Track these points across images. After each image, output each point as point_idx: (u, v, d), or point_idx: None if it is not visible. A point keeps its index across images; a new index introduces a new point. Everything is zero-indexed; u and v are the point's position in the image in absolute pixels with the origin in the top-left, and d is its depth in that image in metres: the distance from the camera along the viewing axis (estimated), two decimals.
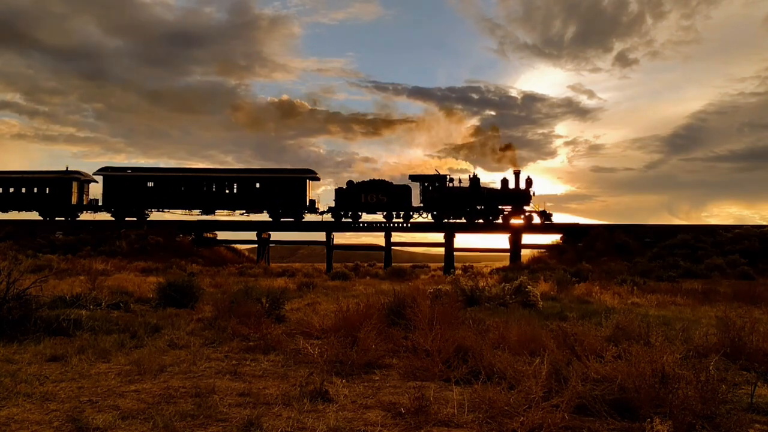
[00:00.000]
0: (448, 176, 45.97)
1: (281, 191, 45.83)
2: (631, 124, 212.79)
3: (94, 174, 47.15)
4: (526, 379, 4.48)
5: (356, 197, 45.46)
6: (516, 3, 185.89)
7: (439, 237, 46.97)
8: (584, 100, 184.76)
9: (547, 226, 46.02)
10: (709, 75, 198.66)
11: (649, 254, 37.55)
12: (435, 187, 45.43)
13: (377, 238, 49.40)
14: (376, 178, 46.79)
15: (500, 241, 46.90)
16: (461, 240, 46.80)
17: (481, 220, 45.44)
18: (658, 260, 35.33)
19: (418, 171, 47.11)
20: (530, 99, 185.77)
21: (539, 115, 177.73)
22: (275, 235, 49.43)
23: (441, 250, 47.23)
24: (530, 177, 45.70)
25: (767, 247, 36.80)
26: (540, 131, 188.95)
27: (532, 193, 45.31)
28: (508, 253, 45.81)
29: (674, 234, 41.08)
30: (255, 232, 47.76)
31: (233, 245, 49.78)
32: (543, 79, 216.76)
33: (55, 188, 46.26)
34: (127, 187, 45.89)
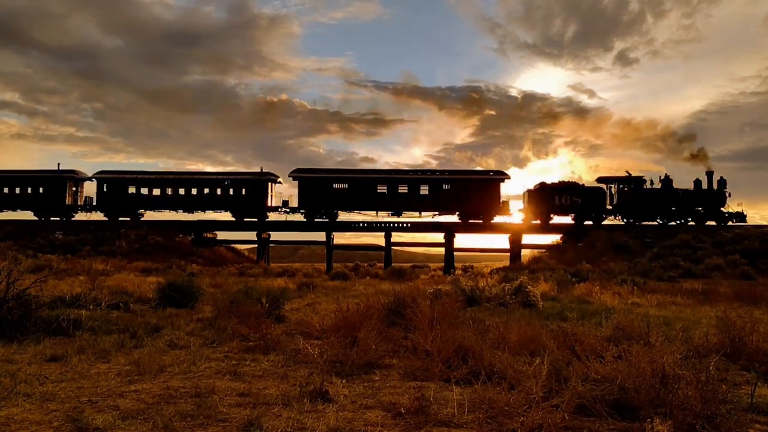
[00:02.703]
0: (644, 178, 44.58)
1: (472, 193, 45.19)
2: None
3: (289, 175, 46.87)
4: (526, 379, 4.48)
5: (550, 199, 44.56)
6: (516, 2, 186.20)
7: (439, 237, 46.99)
8: (585, 100, 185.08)
9: (548, 227, 45.97)
10: (709, 74, 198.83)
11: (649, 254, 37.54)
12: (631, 188, 44.15)
13: (377, 238, 49.44)
14: (566, 180, 46.05)
15: (500, 241, 46.93)
16: (461, 240, 46.83)
17: (673, 223, 44.07)
18: (658, 260, 35.32)
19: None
20: (530, 98, 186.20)
21: (539, 115, 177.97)
22: (279, 236, 49.48)
23: (441, 250, 47.25)
24: (723, 177, 44.15)
25: (767, 247, 36.79)
26: (540, 131, 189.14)
27: (727, 194, 43.83)
28: (508, 253, 45.82)
29: (674, 234, 41.08)
30: (255, 232, 47.79)
31: (233, 245, 49.81)
32: (543, 79, 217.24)
33: (251, 189, 46.32)
34: (319, 188, 45.65)
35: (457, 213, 45.89)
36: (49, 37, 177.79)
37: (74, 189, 47.87)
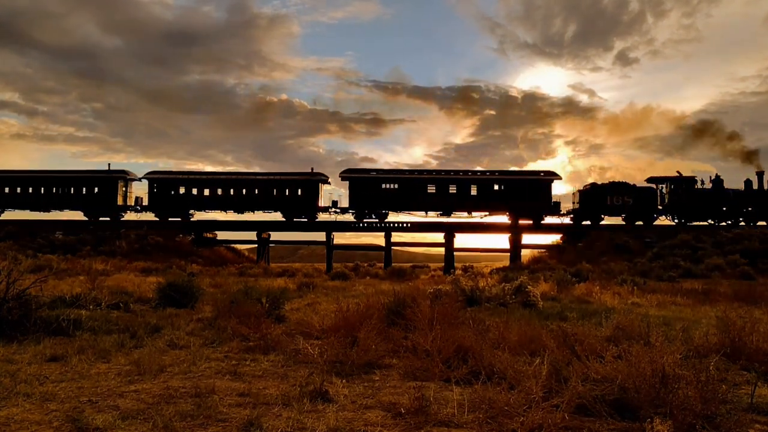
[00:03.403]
0: (697, 178, 44.52)
1: (523, 194, 45.02)
2: None
3: (340, 175, 47.02)
4: (526, 379, 4.48)
5: (601, 199, 44.42)
6: (516, 2, 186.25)
7: (439, 237, 47.05)
8: (585, 99, 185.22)
9: (548, 227, 45.95)
10: (709, 74, 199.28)
11: (650, 254, 37.56)
12: (683, 189, 43.99)
13: (377, 238, 49.46)
14: (617, 180, 45.89)
15: (500, 241, 46.97)
16: (461, 240, 46.85)
17: (725, 223, 43.85)
18: (658, 260, 35.34)
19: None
20: (530, 98, 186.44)
21: (539, 115, 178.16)
22: (279, 235, 49.53)
23: (441, 250, 47.25)
24: None
25: (767, 247, 36.79)
26: (540, 130, 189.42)
27: None
28: (508, 253, 45.82)
29: (674, 234, 41.08)
30: (255, 232, 47.81)
31: (233, 245, 49.82)
32: (543, 78, 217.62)
33: (303, 190, 46.49)
34: (369, 189, 45.76)
35: (508, 214, 45.72)
36: (49, 37, 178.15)
37: (124, 189, 48.03)
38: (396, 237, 46.93)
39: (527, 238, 46.14)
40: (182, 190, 46.99)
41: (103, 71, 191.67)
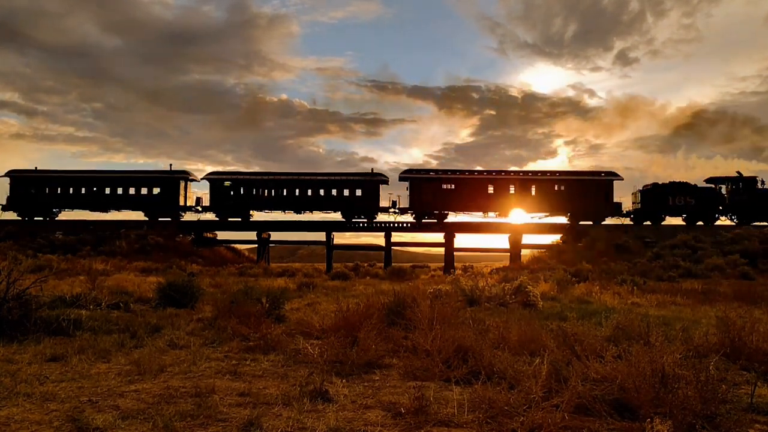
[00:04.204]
0: (758, 178, 44.24)
1: (585, 194, 44.76)
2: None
3: (400, 175, 47.03)
4: (526, 379, 4.48)
5: (663, 199, 44.20)
6: (516, 1, 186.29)
7: (439, 237, 47.01)
8: (585, 99, 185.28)
9: (547, 227, 45.89)
10: (710, 74, 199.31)
11: (649, 254, 37.54)
12: (744, 189, 43.76)
13: (377, 238, 49.44)
14: (677, 180, 45.48)
15: (500, 241, 46.93)
16: (461, 240, 46.82)
17: None
18: (658, 260, 35.33)
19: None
20: (530, 98, 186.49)
21: (539, 115, 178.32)
22: (279, 235, 49.49)
23: (441, 250, 47.23)
24: None
25: (767, 247, 36.79)
26: (540, 130, 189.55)
27: None
28: (508, 253, 45.80)
29: (674, 234, 41.08)
30: (255, 232, 47.79)
31: (233, 245, 49.80)
32: (543, 78, 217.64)
33: (363, 191, 46.74)
34: (428, 189, 45.78)
35: (569, 214, 45.47)
36: (48, 37, 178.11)
37: (185, 190, 48.14)
38: (396, 237, 46.90)
39: (527, 238, 46.15)
40: (242, 191, 46.91)
41: (103, 71, 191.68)
